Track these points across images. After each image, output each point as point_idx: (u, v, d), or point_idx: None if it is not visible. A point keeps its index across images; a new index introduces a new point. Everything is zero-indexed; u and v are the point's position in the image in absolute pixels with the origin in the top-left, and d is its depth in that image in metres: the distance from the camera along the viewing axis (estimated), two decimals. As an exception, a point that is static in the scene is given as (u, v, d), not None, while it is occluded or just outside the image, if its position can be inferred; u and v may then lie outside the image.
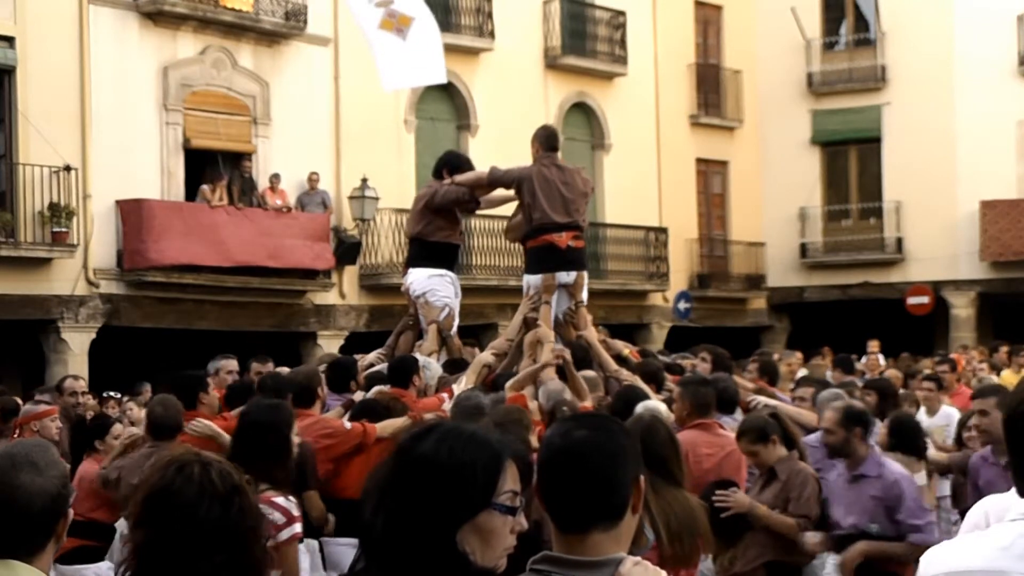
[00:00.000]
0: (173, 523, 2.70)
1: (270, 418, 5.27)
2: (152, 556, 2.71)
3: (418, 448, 2.47)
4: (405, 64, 12.20)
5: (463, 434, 2.51)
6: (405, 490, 2.42)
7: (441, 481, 2.41)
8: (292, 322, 20.45)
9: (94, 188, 17.96)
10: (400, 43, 12.05)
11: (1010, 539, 2.27)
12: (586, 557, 2.49)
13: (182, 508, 2.71)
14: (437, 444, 2.46)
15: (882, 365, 16.76)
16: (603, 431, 2.59)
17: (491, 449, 2.48)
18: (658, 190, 26.75)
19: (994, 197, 26.43)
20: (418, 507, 2.40)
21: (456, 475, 2.42)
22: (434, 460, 2.43)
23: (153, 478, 2.79)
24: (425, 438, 2.49)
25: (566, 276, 9.19)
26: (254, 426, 5.23)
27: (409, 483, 2.43)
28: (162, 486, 2.76)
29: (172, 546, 2.70)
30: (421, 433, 2.53)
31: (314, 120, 20.78)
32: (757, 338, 27.32)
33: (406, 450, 2.49)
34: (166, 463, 2.82)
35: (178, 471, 2.76)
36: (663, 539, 4.68)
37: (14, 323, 17.41)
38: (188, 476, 2.75)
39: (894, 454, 8.05)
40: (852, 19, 29.28)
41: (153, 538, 2.71)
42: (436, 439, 2.48)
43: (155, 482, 2.78)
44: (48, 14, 17.55)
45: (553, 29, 24.68)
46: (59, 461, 2.90)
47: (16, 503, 2.73)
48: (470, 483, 2.42)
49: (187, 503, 2.71)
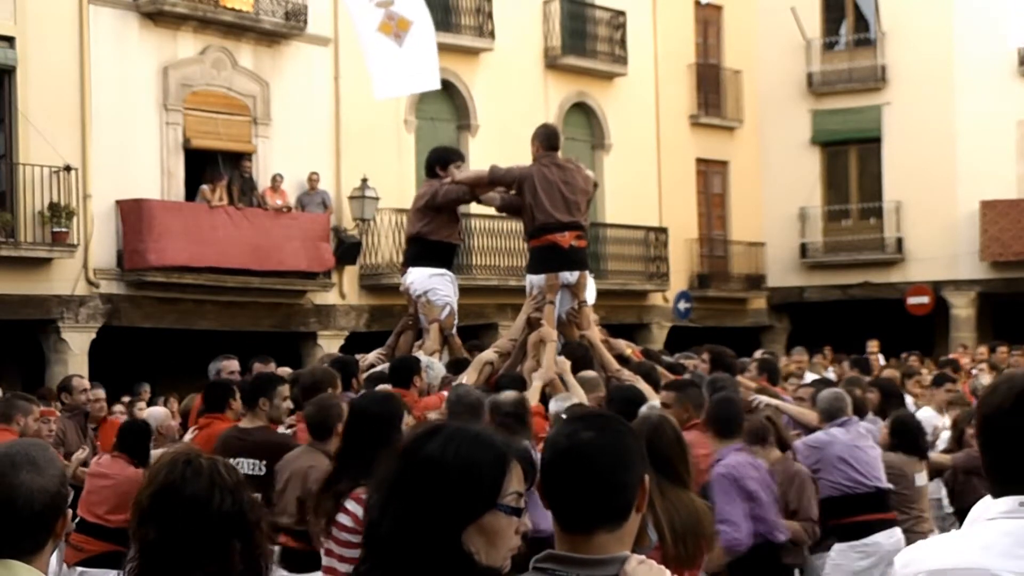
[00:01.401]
0: (187, 516, 2.73)
1: (382, 409, 5.27)
2: (165, 551, 2.72)
3: (424, 449, 2.47)
4: (398, 72, 12.25)
5: (468, 435, 2.50)
6: (411, 490, 2.42)
7: (447, 482, 2.41)
8: (292, 322, 20.44)
9: (94, 188, 17.95)
10: (396, 49, 12.08)
11: (992, 537, 2.28)
12: (591, 556, 2.49)
13: (195, 501, 2.73)
14: (443, 445, 2.46)
15: (881, 365, 16.75)
16: (609, 432, 2.59)
17: (496, 450, 2.48)
18: (658, 190, 26.74)
19: (994, 197, 26.42)
20: (424, 507, 2.40)
21: (462, 476, 2.42)
22: (440, 461, 2.43)
23: (160, 475, 2.80)
24: (431, 439, 2.49)
25: (569, 276, 9.19)
26: (365, 417, 5.24)
27: (415, 483, 2.43)
28: (169, 482, 2.77)
29: (186, 539, 2.71)
30: (426, 433, 2.53)
31: (314, 120, 20.77)
32: (757, 338, 27.30)
33: (412, 451, 2.49)
34: (171, 460, 2.83)
35: (186, 466, 2.78)
36: (667, 539, 4.67)
37: (14, 323, 17.41)
38: (197, 470, 2.78)
39: (896, 454, 8.06)
40: (852, 19, 29.28)
41: (165, 533, 2.73)
42: (442, 440, 2.47)
43: (162, 479, 2.79)
44: (48, 14, 17.54)
45: (553, 29, 24.68)
46: (57, 460, 2.90)
47: (16, 502, 2.72)
48: (476, 484, 2.42)
49: (197, 496, 2.74)
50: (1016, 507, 2.30)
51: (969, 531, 2.39)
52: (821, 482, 7.51)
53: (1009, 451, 2.35)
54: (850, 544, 7.56)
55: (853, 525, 7.55)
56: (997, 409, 2.39)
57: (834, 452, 7.59)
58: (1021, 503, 2.30)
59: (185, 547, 2.71)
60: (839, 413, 7.89)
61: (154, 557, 2.74)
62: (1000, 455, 2.37)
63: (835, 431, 7.75)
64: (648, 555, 4.25)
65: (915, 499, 8.06)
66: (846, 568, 7.58)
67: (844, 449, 7.60)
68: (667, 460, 4.91)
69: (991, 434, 2.39)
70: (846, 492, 7.54)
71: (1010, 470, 2.34)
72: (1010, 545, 2.25)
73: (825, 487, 7.52)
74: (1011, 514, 2.30)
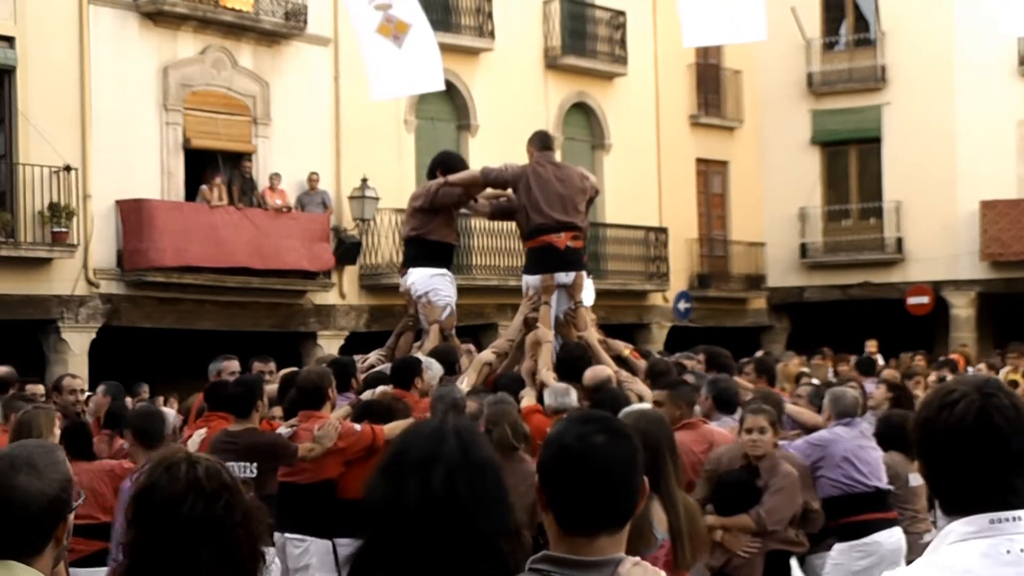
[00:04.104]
0: (159, 520, 2.73)
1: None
2: (142, 554, 2.73)
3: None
4: (397, 73, 12.21)
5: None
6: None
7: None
8: (292, 322, 20.45)
9: (94, 188, 17.96)
10: (395, 51, 12.06)
11: (970, 561, 2.21)
12: (588, 558, 2.49)
13: (167, 504, 2.73)
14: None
15: (881, 365, 16.74)
16: (619, 436, 2.59)
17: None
18: (658, 190, 26.74)
19: (994, 197, 26.42)
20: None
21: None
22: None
23: (143, 478, 2.81)
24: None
25: (565, 277, 9.18)
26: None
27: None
28: (149, 484, 2.78)
29: (159, 543, 2.71)
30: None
31: (314, 120, 20.78)
32: (757, 338, 27.31)
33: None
34: (156, 463, 2.84)
35: (166, 470, 2.78)
36: (683, 541, 4.65)
37: (14, 323, 17.40)
38: (175, 474, 2.78)
39: (888, 454, 8.06)
40: (852, 19, 29.28)
41: (142, 536, 2.74)
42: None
43: (144, 481, 2.80)
44: (48, 14, 17.55)
45: (553, 29, 24.68)
46: (62, 464, 2.89)
47: (12, 504, 2.72)
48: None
49: (171, 499, 2.74)
50: (987, 525, 2.23)
51: (941, 557, 2.26)
52: (822, 481, 7.51)
53: (975, 469, 2.26)
54: (850, 544, 7.56)
55: (853, 525, 7.55)
56: (957, 426, 2.28)
57: (837, 451, 7.58)
58: (992, 520, 2.23)
59: (160, 549, 2.71)
60: (851, 411, 7.91)
61: (136, 559, 2.76)
62: (966, 473, 2.27)
63: (839, 429, 7.74)
64: (653, 555, 4.28)
65: (909, 499, 8.06)
66: (846, 568, 7.58)
67: (847, 448, 7.59)
68: (669, 461, 4.91)
69: (952, 452, 2.28)
70: (847, 491, 7.54)
71: (977, 488, 2.26)
72: (990, 566, 2.19)
73: (826, 486, 7.52)
74: (982, 533, 2.23)
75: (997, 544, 2.21)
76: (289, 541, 7.40)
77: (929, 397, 2.43)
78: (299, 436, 7.30)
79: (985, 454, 2.27)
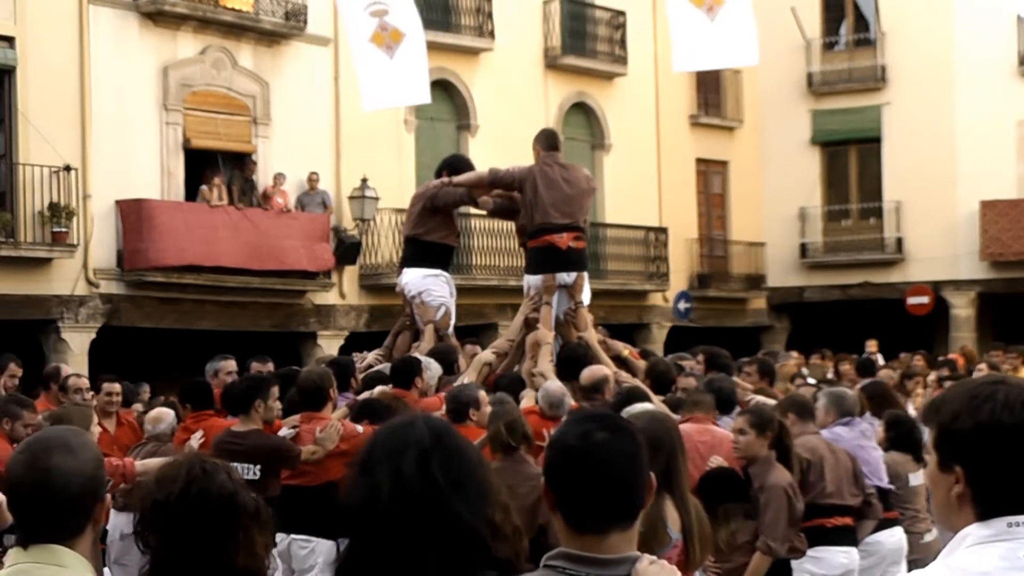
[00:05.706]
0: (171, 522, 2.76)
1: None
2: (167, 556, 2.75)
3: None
4: (388, 84, 12.30)
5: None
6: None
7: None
8: (292, 322, 20.45)
9: (94, 188, 17.96)
10: (387, 61, 12.14)
11: (989, 563, 2.16)
12: (604, 555, 2.51)
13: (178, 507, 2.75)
14: None
15: (880, 365, 16.73)
16: (623, 433, 2.60)
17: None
18: (658, 190, 26.74)
19: (994, 197, 26.42)
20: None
21: None
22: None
23: (155, 483, 2.82)
24: None
25: (566, 277, 9.19)
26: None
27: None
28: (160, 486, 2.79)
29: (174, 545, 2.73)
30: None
31: (314, 120, 20.78)
32: (757, 338, 27.31)
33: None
34: (167, 465, 2.86)
35: (175, 472, 2.80)
36: (694, 541, 4.65)
37: (14, 323, 17.40)
38: (184, 476, 2.80)
39: (889, 453, 8.06)
40: (852, 19, 29.27)
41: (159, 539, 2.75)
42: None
43: (155, 484, 2.81)
44: (48, 14, 17.55)
45: (553, 29, 24.67)
46: (92, 445, 2.86)
47: (51, 486, 2.68)
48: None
49: (181, 502, 2.76)
50: (1005, 529, 2.18)
51: (958, 560, 2.21)
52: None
53: (1005, 470, 2.19)
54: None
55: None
56: (990, 423, 2.19)
57: None
58: (1009, 524, 2.18)
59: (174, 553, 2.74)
60: (850, 411, 7.90)
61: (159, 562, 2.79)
62: (993, 474, 2.20)
63: (839, 430, 7.74)
64: (667, 554, 4.28)
65: (910, 498, 8.05)
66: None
67: (848, 448, 7.59)
68: (679, 460, 4.89)
69: (980, 451, 2.20)
70: (847, 491, 7.54)
71: (1001, 491, 2.20)
72: (1007, 570, 2.15)
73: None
74: (1000, 537, 2.19)
75: (1015, 548, 2.18)
76: (295, 542, 7.42)
77: (959, 390, 2.29)
78: (301, 437, 7.30)
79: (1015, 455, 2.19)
